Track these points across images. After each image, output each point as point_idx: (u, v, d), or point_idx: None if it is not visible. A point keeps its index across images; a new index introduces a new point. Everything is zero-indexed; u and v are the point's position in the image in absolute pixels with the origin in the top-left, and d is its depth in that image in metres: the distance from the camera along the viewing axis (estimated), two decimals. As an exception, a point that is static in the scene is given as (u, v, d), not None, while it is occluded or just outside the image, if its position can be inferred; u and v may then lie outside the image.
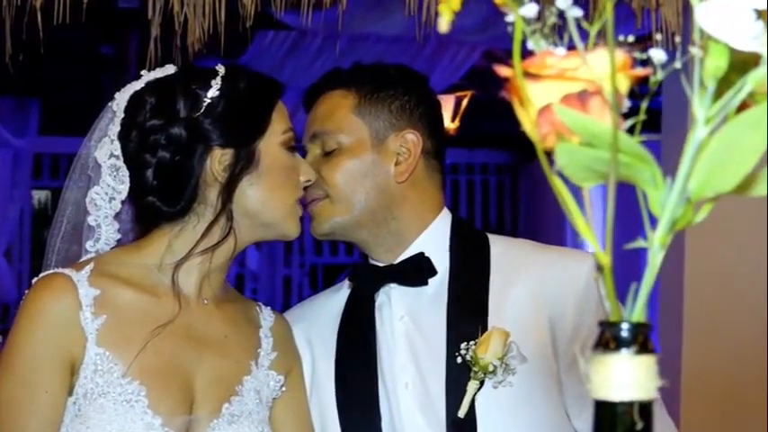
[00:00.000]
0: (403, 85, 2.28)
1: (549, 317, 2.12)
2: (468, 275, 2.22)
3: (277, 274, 10.45)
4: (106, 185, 2.11)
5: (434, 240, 2.25)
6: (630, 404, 0.84)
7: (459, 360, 2.10)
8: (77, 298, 1.98)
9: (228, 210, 2.06)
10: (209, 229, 2.06)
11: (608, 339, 0.85)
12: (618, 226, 0.83)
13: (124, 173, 2.09)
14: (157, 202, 2.07)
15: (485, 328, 2.11)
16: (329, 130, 2.24)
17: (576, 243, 8.44)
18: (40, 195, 10.07)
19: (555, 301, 2.13)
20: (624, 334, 0.85)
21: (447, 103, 7.36)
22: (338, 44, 4.79)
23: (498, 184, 11.29)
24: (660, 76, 0.86)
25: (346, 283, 2.36)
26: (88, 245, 2.16)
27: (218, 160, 2.05)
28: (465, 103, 7.56)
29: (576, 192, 0.86)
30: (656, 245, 0.83)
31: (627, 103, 0.88)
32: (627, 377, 0.84)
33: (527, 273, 2.19)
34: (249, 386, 2.10)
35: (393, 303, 2.24)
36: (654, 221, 0.86)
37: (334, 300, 2.36)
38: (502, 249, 2.26)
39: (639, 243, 0.84)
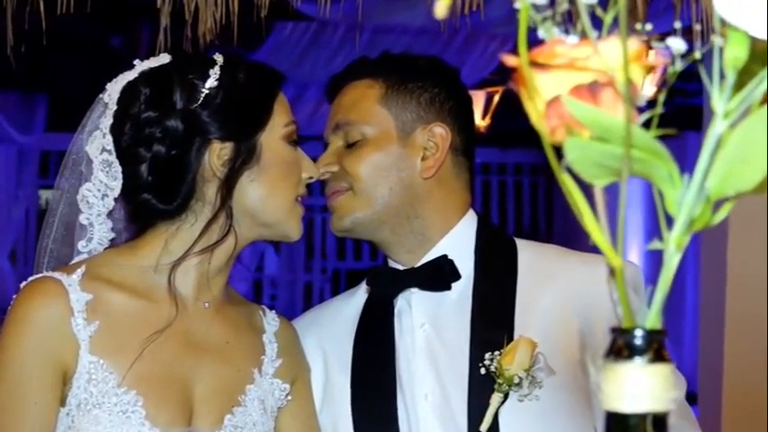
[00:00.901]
0: (433, 77, 2.28)
1: (580, 327, 2.11)
2: (493, 281, 2.22)
3: (297, 279, 10.48)
4: (98, 182, 2.11)
5: (459, 243, 2.25)
6: (644, 416, 0.84)
7: (482, 371, 2.09)
8: (68, 303, 1.97)
9: (228, 207, 2.05)
10: (208, 228, 2.06)
11: (620, 347, 0.85)
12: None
13: (117, 168, 2.09)
14: (152, 199, 2.06)
15: (510, 338, 2.11)
16: (353, 120, 2.25)
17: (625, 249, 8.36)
18: (47, 195, 10.14)
19: (586, 311, 2.12)
20: (637, 341, 0.84)
21: (477, 99, 7.36)
22: (358, 36, 4.79)
23: (532, 186, 11.27)
24: (679, 67, 0.86)
25: (363, 286, 2.36)
26: (80, 245, 2.15)
27: (217, 154, 2.05)
28: (496, 99, 7.56)
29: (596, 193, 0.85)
30: (671, 246, 0.83)
31: (644, 96, 0.88)
32: (640, 387, 0.83)
33: (557, 280, 2.18)
34: (253, 395, 2.10)
35: (413, 309, 2.24)
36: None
37: (350, 305, 2.36)
38: (530, 254, 2.26)
39: (655, 245, 0.84)
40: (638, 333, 0.85)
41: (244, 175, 2.06)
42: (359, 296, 2.36)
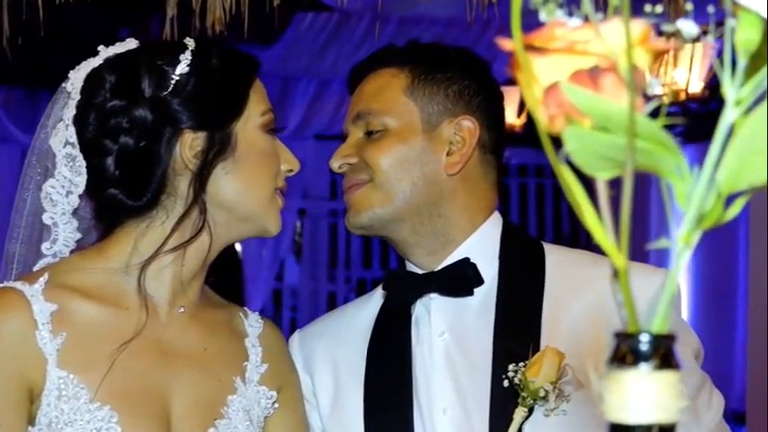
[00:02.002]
0: (463, 69, 2.28)
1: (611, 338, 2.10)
2: (519, 287, 2.22)
3: (320, 289, 10.48)
4: (62, 177, 2.10)
5: (483, 245, 2.25)
6: (649, 428, 0.83)
7: (505, 383, 2.08)
8: (31, 315, 1.96)
9: (201, 201, 2.04)
10: (179, 224, 2.05)
11: (624, 353, 0.85)
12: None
13: (81, 163, 2.08)
14: (120, 194, 2.05)
15: (536, 348, 2.10)
16: (375, 110, 2.25)
17: (662, 257, 8.35)
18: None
19: (618, 321, 2.11)
20: (643, 347, 0.84)
21: (511, 96, 7.33)
22: (383, 27, 4.79)
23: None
24: (689, 50, 0.86)
25: (379, 291, 2.36)
26: (44, 247, 2.14)
27: (189, 145, 2.04)
28: (533, 96, 7.53)
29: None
30: (679, 244, 0.82)
31: (654, 83, 0.87)
32: (645, 396, 0.83)
33: (586, 287, 2.17)
34: (236, 406, 2.09)
35: (432, 317, 2.23)
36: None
37: (364, 311, 2.36)
38: (559, 260, 2.25)
39: (663, 242, 0.84)
40: (644, 338, 0.84)
41: (218, 167, 2.05)
42: (374, 302, 2.36)
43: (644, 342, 0.84)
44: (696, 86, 6.02)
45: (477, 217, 2.27)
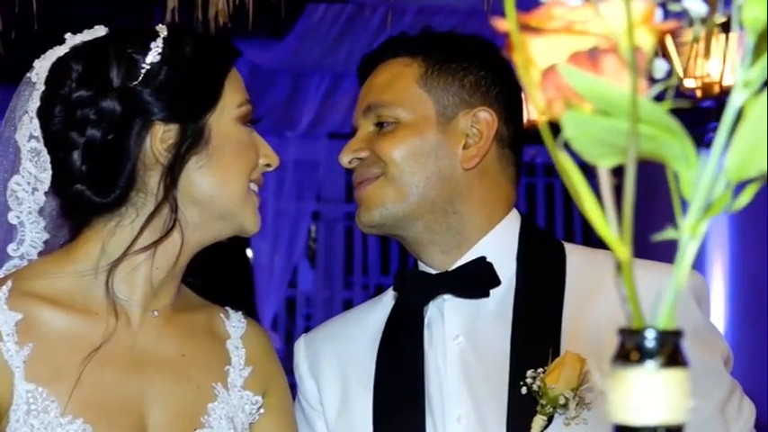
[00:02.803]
0: (480, 59, 2.28)
1: None
2: (538, 288, 2.22)
3: (335, 297, 10.48)
4: (28, 174, 2.09)
5: (500, 244, 2.25)
6: (655, 429, 0.83)
7: (523, 390, 2.08)
8: None
9: (172, 198, 2.03)
10: (149, 222, 2.03)
11: (629, 350, 0.84)
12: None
13: (46, 158, 2.07)
14: (87, 191, 2.03)
15: (556, 353, 2.10)
16: (387, 101, 2.26)
17: (703, 261, 8.31)
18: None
19: None
20: (648, 343, 0.84)
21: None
22: (399, 18, 4.78)
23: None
24: (698, 31, 0.86)
25: (390, 293, 2.36)
26: (10, 249, 2.13)
27: (160, 138, 2.02)
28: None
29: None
30: (685, 234, 0.82)
31: (663, 66, 0.87)
32: (651, 395, 0.83)
33: (610, 289, 2.15)
34: (218, 414, 2.08)
35: (446, 319, 2.23)
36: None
37: (374, 314, 2.36)
38: (580, 260, 2.25)
39: (669, 233, 0.84)
40: (650, 334, 0.84)
41: (191, 162, 2.04)
42: (384, 304, 2.36)
43: (650, 338, 0.84)
44: (731, 79, 5.98)
45: (494, 214, 2.27)
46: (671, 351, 0.84)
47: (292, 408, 2.27)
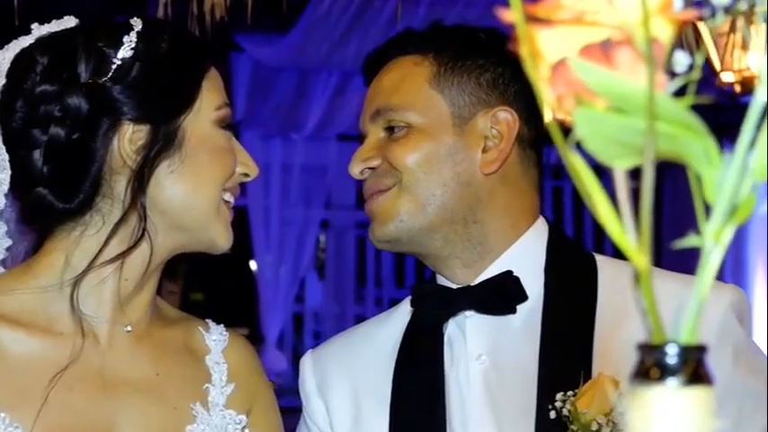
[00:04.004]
0: (496, 54, 2.26)
1: None
2: (568, 304, 2.21)
3: (346, 312, 10.45)
4: None
5: (526, 256, 2.25)
6: (677, 451, 0.83)
7: (552, 414, 2.07)
8: None
9: (141, 205, 2.01)
10: (116, 231, 2.01)
11: (649, 367, 0.85)
12: None
13: (4, 156, 2.05)
14: (49, 195, 2.01)
15: (588, 375, 2.09)
16: (396, 105, 2.25)
17: (737, 270, 8.30)
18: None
19: None
20: (670, 359, 0.84)
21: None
22: (400, 8, 4.77)
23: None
24: (720, 20, 0.86)
25: (402, 308, 2.36)
26: None
27: (129, 139, 2.01)
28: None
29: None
30: (709, 241, 0.82)
31: (683, 59, 0.87)
32: (673, 415, 0.83)
33: (646, 306, 2.15)
34: None
35: (468, 337, 2.23)
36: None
37: (387, 330, 2.36)
38: (613, 274, 2.24)
39: (691, 240, 0.84)
40: (671, 349, 0.84)
41: (161, 166, 2.02)
42: (397, 319, 2.35)
43: (671, 354, 0.84)
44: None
45: (519, 223, 2.26)
46: (694, 368, 0.84)
47: (280, 426, 2.25)
